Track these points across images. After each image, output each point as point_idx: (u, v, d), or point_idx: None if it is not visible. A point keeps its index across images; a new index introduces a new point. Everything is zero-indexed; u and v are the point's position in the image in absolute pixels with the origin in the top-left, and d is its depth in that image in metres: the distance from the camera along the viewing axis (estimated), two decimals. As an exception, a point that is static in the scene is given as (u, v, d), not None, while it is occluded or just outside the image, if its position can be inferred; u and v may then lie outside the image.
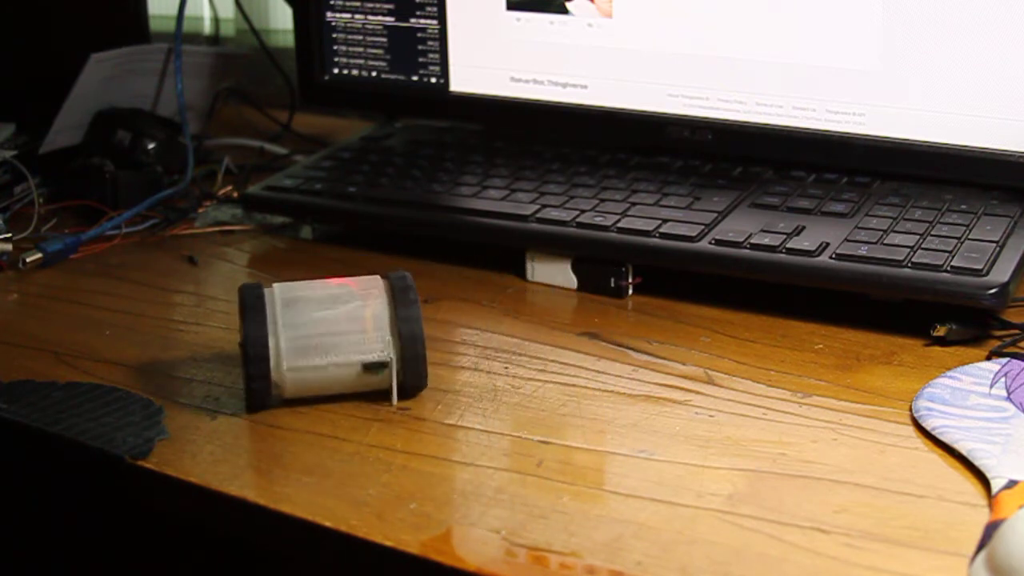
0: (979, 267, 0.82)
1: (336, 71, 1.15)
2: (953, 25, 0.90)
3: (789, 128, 0.98)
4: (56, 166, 1.13)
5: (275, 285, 0.77)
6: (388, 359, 0.75)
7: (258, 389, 0.75)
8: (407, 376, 0.76)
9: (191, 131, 1.15)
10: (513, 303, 0.91)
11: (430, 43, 1.10)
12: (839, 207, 0.92)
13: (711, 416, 0.75)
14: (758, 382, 0.78)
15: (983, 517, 0.63)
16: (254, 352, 0.74)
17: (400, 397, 0.76)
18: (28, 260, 0.99)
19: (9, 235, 1.02)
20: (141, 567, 0.96)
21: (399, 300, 0.75)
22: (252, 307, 0.75)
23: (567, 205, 0.95)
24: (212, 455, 0.72)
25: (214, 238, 1.06)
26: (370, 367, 0.75)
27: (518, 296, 0.93)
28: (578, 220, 0.93)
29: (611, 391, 0.78)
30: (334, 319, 0.75)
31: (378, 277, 0.78)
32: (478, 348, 0.85)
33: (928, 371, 0.78)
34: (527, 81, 1.07)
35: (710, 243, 0.89)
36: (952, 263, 0.82)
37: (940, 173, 0.94)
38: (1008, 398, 0.74)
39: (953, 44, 0.90)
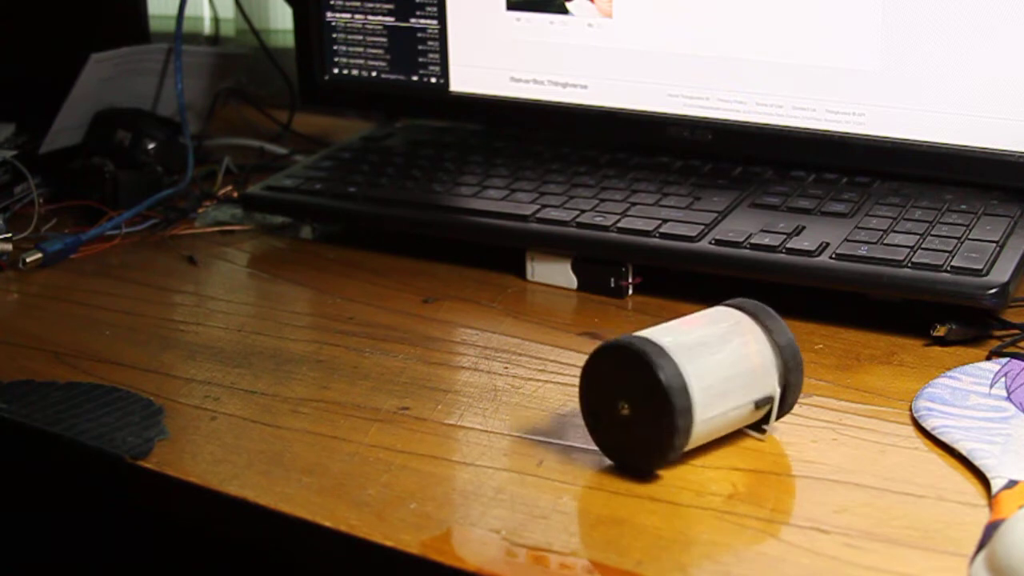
0: (979, 267, 0.82)
1: (336, 71, 1.15)
2: (953, 25, 0.90)
3: (789, 128, 0.98)
4: (56, 166, 1.13)
5: (650, 336, 0.68)
6: (775, 392, 0.70)
7: (679, 445, 0.67)
8: (787, 398, 0.71)
9: (191, 131, 1.15)
10: (513, 303, 0.91)
11: (430, 43, 1.10)
12: (839, 207, 0.92)
13: (711, 416, 0.75)
14: (758, 382, 0.78)
15: (983, 517, 0.63)
16: (680, 404, 0.65)
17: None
18: (28, 260, 0.99)
19: (9, 235, 1.02)
20: (141, 567, 0.96)
21: (769, 326, 0.70)
22: (658, 355, 0.66)
23: (567, 205, 0.95)
24: (212, 455, 0.72)
25: (214, 238, 1.06)
26: (760, 403, 0.70)
27: (518, 296, 0.93)
28: (578, 220, 0.93)
29: (611, 391, 0.78)
30: (729, 362, 0.69)
31: (723, 308, 0.72)
32: (478, 348, 0.84)
33: (928, 371, 0.78)
34: (527, 81, 1.07)
35: (710, 243, 0.89)
36: (952, 263, 0.82)
37: (940, 173, 0.94)
38: (1008, 398, 0.74)
39: (953, 44, 0.90)
